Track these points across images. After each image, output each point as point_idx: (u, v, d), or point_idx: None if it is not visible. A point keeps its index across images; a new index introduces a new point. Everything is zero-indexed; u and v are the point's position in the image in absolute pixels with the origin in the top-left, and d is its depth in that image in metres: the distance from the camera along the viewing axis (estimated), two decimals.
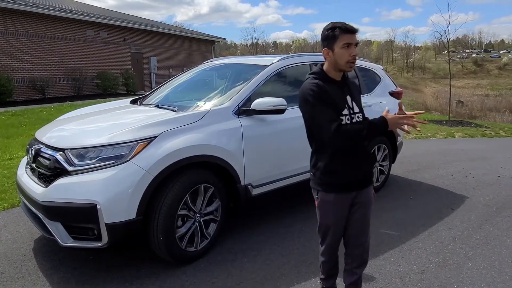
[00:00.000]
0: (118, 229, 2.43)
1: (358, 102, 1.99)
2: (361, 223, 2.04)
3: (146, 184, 2.47)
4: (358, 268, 2.10)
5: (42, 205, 2.50)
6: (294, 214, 3.75)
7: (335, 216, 2.01)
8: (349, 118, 1.90)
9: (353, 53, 1.87)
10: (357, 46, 1.92)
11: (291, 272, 2.72)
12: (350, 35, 1.85)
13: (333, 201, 1.97)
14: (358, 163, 1.98)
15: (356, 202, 2.01)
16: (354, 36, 1.87)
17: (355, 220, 2.03)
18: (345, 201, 1.99)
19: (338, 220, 2.02)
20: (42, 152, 2.74)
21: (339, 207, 1.99)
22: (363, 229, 2.06)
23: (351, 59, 1.87)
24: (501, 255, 3.02)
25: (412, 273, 2.72)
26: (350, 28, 1.86)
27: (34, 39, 13.71)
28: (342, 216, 2.02)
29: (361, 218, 2.03)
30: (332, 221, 2.02)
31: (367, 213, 2.05)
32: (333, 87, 1.93)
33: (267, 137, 3.22)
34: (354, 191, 1.99)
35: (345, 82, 1.99)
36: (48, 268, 2.73)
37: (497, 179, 5.26)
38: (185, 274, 2.67)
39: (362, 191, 2.01)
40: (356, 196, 2.00)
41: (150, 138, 2.58)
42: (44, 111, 10.28)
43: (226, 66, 4.25)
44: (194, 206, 2.78)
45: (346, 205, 2.00)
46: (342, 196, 1.97)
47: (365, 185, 2.02)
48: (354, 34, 1.86)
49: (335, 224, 2.03)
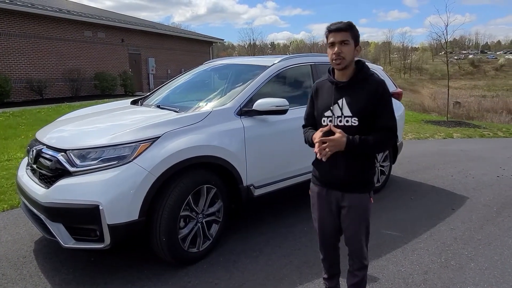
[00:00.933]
0: (121, 230, 2.41)
1: (354, 106, 1.89)
2: (352, 228, 2.01)
3: (149, 185, 2.46)
4: (358, 271, 2.08)
5: (44, 206, 2.48)
6: (296, 214, 3.74)
7: (318, 209, 2.08)
8: (332, 120, 1.92)
9: (335, 51, 1.86)
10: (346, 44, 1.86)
11: (293, 273, 2.71)
12: (333, 33, 1.87)
13: (317, 193, 2.07)
14: (329, 166, 1.94)
15: (344, 205, 1.97)
16: (338, 34, 1.85)
17: (347, 225, 2.02)
18: (329, 198, 2.01)
19: (322, 215, 2.08)
20: (43, 153, 2.72)
21: (322, 201, 2.05)
22: (355, 235, 2.02)
23: (334, 57, 1.87)
24: (503, 255, 3.03)
25: (415, 274, 2.72)
26: (332, 27, 1.88)
27: (31, 40, 13.66)
28: (326, 212, 2.04)
29: (352, 223, 2.00)
30: (316, 214, 2.11)
31: (358, 219, 1.99)
32: (330, 88, 1.97)
33: (269, 138, 3.21)
34: (336, 191, 1.98)
35: (349, 84, 1.93)
36: (49, 270, 2.71)
37: (496, 179, 5.27)
38: (187, 275, 2.66)
39: (349, 194, 1.96)
40: (342, 198, 1.97)
41: (153, 138, 2.57)
42: (42, 112, 10.24)
43: (226, 66, 4.24)
44: (196, 207, 2.77)
45: (330, 202, 2.01)
46: (325, 191, 2.02)
47: (345, 189, 1.96)
48: (338, 32, 1.85)
49: (320, 219, 2.10)
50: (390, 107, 1.93)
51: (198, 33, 26.19)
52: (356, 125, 1.89)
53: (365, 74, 1.94)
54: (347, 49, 1.86)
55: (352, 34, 1.88)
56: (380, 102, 1.90)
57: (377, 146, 1.93)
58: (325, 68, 3.88)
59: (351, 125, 1.90)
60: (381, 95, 1.91)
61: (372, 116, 1.90)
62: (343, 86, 1.94)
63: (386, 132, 1.92)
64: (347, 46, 1.86)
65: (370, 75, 1.95)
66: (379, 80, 1.95)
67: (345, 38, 1.86)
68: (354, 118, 1.90)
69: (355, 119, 1.90)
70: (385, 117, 1.91)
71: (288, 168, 3.40)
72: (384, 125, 1.91)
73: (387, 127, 1.92)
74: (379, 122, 1.91)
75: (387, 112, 1.92)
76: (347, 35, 1.86)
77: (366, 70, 1.95)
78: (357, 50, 1.91)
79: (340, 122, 1.92)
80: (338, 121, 1.92)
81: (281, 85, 3.63)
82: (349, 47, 1.87)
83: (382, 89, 1.91)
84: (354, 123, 1.90)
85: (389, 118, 1.92)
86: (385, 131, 1.92)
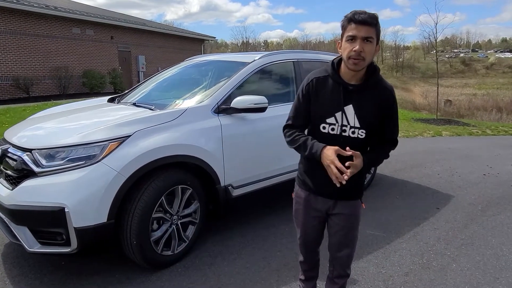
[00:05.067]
0: (88, 234, 2.30)
1: (364, 116, 1.65)
2: (340, 236, 1.88)
3: (118, 186, 2.35)
4: (338, 278, 1.99)
5: (8, 208, 2.36)
6: (277, 215, 3.65)
7: (304, 214, 1.92)
8: (334, 129, 1.68)
9: (355, 48, 1.53)
10: (369, 42, 1.54)
11: (271, 276, 2.63)
12: (357, 25, 1.53)
13: (304, 199, 1.90)
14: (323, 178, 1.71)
15: (335, 212, 1.83)
16: (362, 28, 1.52)
17: (335, 232, 1.88)
18: (317, 205, 1.86)
19: (306, 221, 1.93)
20: (9, 153, 2.59)
21: (309, 208, 1.89)
22: (342, 242, 1.89)
23: (353, 55, 1.54)
24: (486, 255, 2.97)
25: (395, 275, 2.65)
26: (356, 17, 1.53)
27: (17, 37, 13.37)
28: (312, 218, 1.91)
29: (342, 231, 1.86)
30: (301, 218, 1.95)
31: (348, 227, 1.86)
32: (335, 88, 1.67)
33: (247, 136, 3.12)
34: (328, 198, 1.82)
35: (360, 88, 1.65)
36: (16, 275, 2.59)
37: (483, 177, 5.24)
38: (160, 279, 2.56)
39: (342, 202, 1.82)
40: (334, 205, 1.83)
41: (123, 137, 2.46)
42: (27, 110, 10.02)
43: (208, 63, 4.13)
44: (170, 209, 2.67)
45: (318, 209, 1.87)
46: (314, 197, 1.86)
47: (339, 197, 1.80)
48: (363, 25, 1.52)
49: (305, 223, 1.95)
50: (397, 118, 1.77)
51: (189, 31, 25.95)
52: (362, 138, 1.68)
53: (376, 79, 1.67)
54: (370, 48, 1.55)
55: (376, 30, 1.57)
56: (389, 113, 1.70)
57: (382, 161, 1.82)
58: (308, 66, 3.87)
59: (357, 137, 1.68)
60: (392, 105, 1.70)
61: (379, 127, 1.71)
62: (352, 90, 1.65)
63: (390, 145, 1.79)
64: (370, 45, 1.55)
65: (380, 80, 1.69)
66: (390, 87, 1.71)
67: (369, 34, 1.54)
68: (361, 130, 1.67)
69: (363, 131, 1.67)
70: (392, 129, 1.76)
71: (268, 168, 3.31)
72: (390, 137, 1.78)
73: (393, 139, 1.79)
74: (386, 134, 1.75)
75: (394, 123, 1.75)
76: (372, 31, 1.55)
77: (377, 74, 1.69)
78: (376, 50, 1.61)
79: (344, 132, 1.67)
80: (341, 131, 1.67)
81: (262, 82, 3.53)
82: (371, 46, 1.56)
83: (392, 99, 1.70)
84: (361, 135, 1.67)
85: (395, 130, 1.78)
86: (390, 143, 1.79)
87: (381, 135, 1.75)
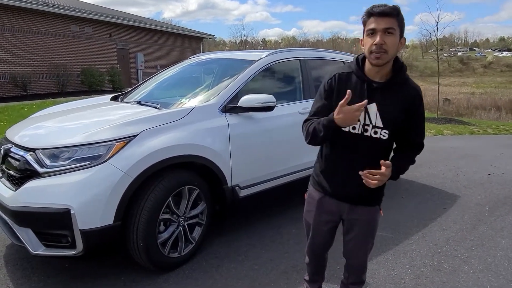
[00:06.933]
0: (94, 236, 2.24)
1: (388, 116, 1.57)
2: (356, 243, 1.81)
3: (125, 187, 2.29)
4: (354, 285, 1.94)
5: (11, 210, 2.29)
6: (285, 215, 3.60)
7: (316, 217, 1.85)
8: (355, 128, 1.59)
9: (376, 41, 1.46)
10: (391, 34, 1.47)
11: (280, 278, 2.57)
12: (375, 18, 1.48)
13: (318, 201, 1.82)
14: (342, 181, 1.69)
15: (352, 218, 1.76)
16: (381, 20, 1.47)
17: (352, 238, 1.81)
18: (332, 208, 1.79)
19: (318, 223, 1.86)
20: (12, 153, 2.52)
21: (322, 211, 1.82)
22: (359, 250, 1.83)
23: (374, 49, 1.47)
24: (497, 257, 2.93)
25: (407, 278, 2.60)
26: (375, 9, 1.48)
27: (15, 34, 13.25)
28: (324, 222, 1.84)
29: (358, 237, 1.80)
30: (312, 221, 1.88)
31: (366, 233, 1.79)
32: (359, 85, 1.59)
33: (255, 136, 3.06)
34: (343, 202, 1.75)
35: (386, 86, 1.57)
36: (19, 277, 2.53)
37: (487, 177, 5.21)
38: (167, 282, 2.50)
39: (360, 207, 1.74)
40: (350, 210, 1.75)
41: (129, 137, 2.40)
42: (26, 108, 9.94)
43: (212, 61, 4.07)
44: (177, 210, 2.61)
45: (333, 213, 1.80)
46: (328, 200, 1.79)
47: (357, 202, 1.73)
48: (382, 17, 1.47)
49: (315, 226, 1.88)
50: (423, 120, 1.67)
51: (188, 29, 25.83)
52: (385, 138, 1.59)
53: (402, 77, 1.60)
54: (392, 41, 1.48)
55: (398, 21, 1.50)
56: (416, 114, 1.61)
57: (408, 168, 1.72)
58: (315, 64, 3.81)
59: (379, 138, 1.59)
60: (419, 105, 1.61)
61: (404, 129, 1.62)
62: (377, 87, 1.58)
63: (416, 150, 1.70)
64: (392, 37, 1.48)
65: (407, 78, 1.62)
66: (417, 86, 1.63)
67: (390, 25, 1.47)
68: (384, 131, 1.58)
69: (386, 132, 1.58)
70: (418, 132, 1.67)
71: (276, 168, 3.25)
72: (415, 141, 1.68)
73: (418, 143, 1.69)
74: (412, 137, 1.66)
75: (420, 126, 1.66)
76: (393, 22, 1.48)
77: (404, 72, 1.61)
78: (401, 43, 1.54)
79: (365, 132, 1.59)
80: (363, 130, 1.59)
81: (268, 80, 3.47)
82: (394, 38, 1.49)
83: (419, 98, 1.60)
84: (384, 136, 1.59)
85: (421, 133, 1.68)
86: (415, 148, 1.69)
87: (406, 138, 1.68)
